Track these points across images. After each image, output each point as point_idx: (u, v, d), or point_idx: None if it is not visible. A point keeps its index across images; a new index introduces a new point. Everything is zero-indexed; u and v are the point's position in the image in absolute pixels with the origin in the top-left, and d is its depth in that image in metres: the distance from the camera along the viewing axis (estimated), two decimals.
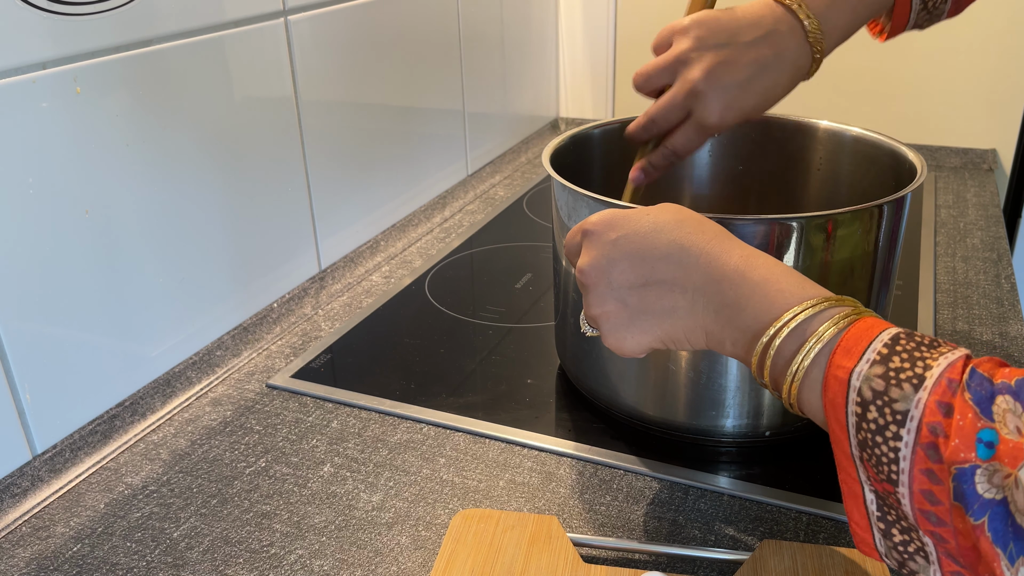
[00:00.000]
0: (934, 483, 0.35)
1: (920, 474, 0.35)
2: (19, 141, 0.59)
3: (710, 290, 0.45)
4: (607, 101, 1.48)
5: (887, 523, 0.39)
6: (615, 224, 0.48)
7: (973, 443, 0.34)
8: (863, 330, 0.39)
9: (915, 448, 0.35)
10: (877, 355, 0.38)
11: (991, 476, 0.33)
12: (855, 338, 0.39)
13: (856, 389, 0.38)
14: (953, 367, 0.36)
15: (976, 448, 0.34)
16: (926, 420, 0.35)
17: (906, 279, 0.91)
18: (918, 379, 0.36)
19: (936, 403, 0.35)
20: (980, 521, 0.34)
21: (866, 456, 0.38)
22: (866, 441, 0.37)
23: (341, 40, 0.90)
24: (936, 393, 0.35)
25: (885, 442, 0.36)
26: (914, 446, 0.35)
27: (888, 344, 0.38)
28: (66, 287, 0.64)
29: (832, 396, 0.39)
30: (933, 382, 0.36)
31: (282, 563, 0.55)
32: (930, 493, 0.35)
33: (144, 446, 0.68)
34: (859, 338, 0.39)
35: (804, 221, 0.56)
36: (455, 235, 1.08)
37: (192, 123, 0.73)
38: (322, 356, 0.80)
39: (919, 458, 0.35)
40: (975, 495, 0.34)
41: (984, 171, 1.25)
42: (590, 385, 0.69)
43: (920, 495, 0.36)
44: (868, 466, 0.38)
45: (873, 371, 0.37)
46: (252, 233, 0.82)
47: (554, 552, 0.53)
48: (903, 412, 0.36)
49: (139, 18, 0.66)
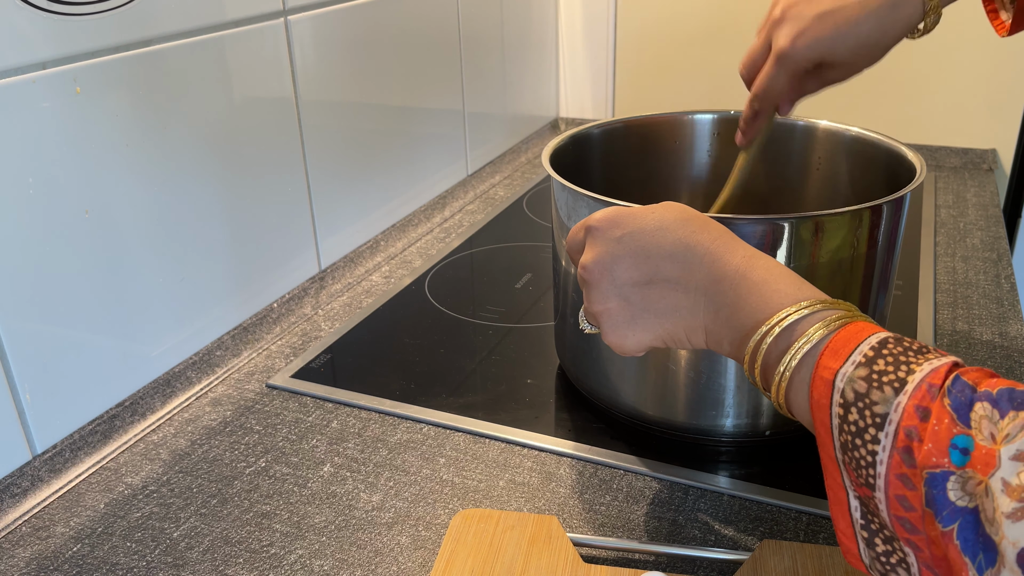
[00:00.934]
0: (908, 488, 0.35)
1: (895, 479, 0.35)
2: (19, 141, 0.59)
3: (712, 290, 0.45)
4: (607, 101, 1.48)
5: (870, 532, 0.38)
6: (620, 221, 0.48)
7: (946, 449, 0.33)
8: (853, 333, 0.39)
9: (892, 452, 0.35)
10: (863, 357, 0.37)
11: (964, 484, 0.33)
12: (844, 340, 0.39)
13: (840, 390, 0.37)
14: (936, 372, 0.36)
15: (950, 454, 0.33)
16: (903, 424, 0.35)
17: (906, 279, 0.91)
18: (899, 383, 0.36)
19: (914, 407, 0.35)
20: (949, 529, 0.33)
21: (847, 459, 0.37)
22: (847, 444, 0.37)
23: (341, 40, 0.90)
24: (915, 397, 0.35)
25: (864, 445, 0.36)
26: (891, 450, 0.35)
27: (875, 347, 0.38)
28: (66, 287, 0.64)
29: (818, 397, 0.39)
30: (914, 386, 0.35)
31: (282, 563, 0.55)
32: (904, 499, 0.35)
33: (144, 446, 0.68)
34: (848, 340, 0.39)
35: (803, 221, 0.56)
36: (455, 235, 1.08)
37: (192, 123, 0.73)
38: (322, 356, 0.80)
39: (895, 462, 0.35)
40: (945, 501, 0.33)
41: (984, 171, 1.25)
42: (590, 385, 0.69)
43: (895, 501, 0.35)
44: (850, 470, 0.38)
45: (857, 373, 0.37)
46: (252, 233, 0.82)
47: (554, 552, 0.53)
48: (882, 415, 0.36)
49: (139, 18, 0.66)
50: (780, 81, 0.63)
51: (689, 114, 0.80)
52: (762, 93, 0.64)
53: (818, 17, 0.60)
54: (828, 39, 0.60)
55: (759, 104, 0.65)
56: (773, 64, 0.63)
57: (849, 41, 0.60)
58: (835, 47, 0.61)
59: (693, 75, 1.40)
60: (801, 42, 0.60)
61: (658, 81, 1.43)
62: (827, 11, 0.60)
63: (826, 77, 0.64)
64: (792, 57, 0.61)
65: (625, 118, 0.79)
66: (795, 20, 0.60)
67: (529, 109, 1.41)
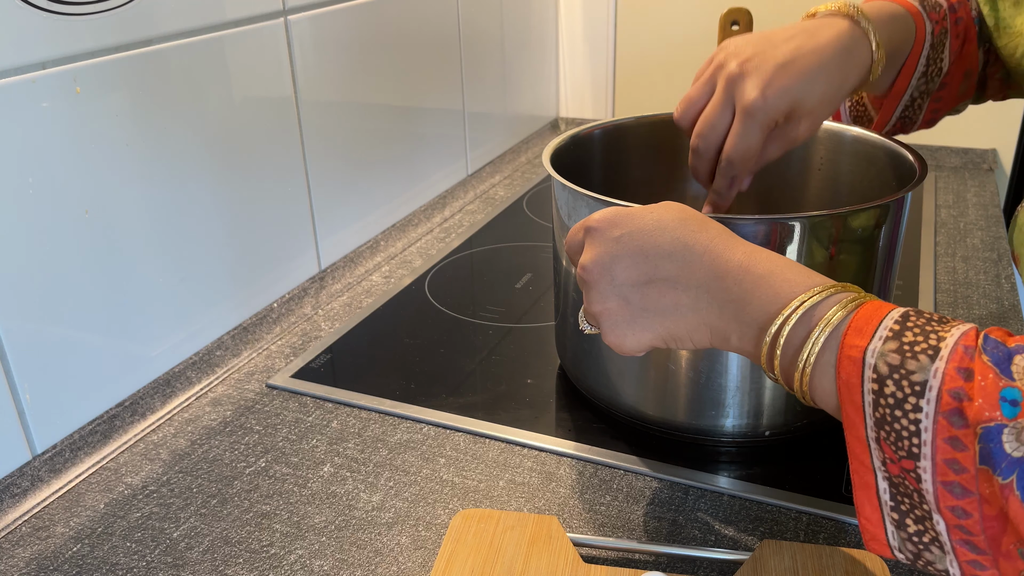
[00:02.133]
0: (959, 450, 0.35)
1: (943, 443, 0.36)
2: (19, 141, 0.59)
3: (714, 287, 0.45)
4: (607, 101, 1.48)
5: (901, 512, 0.39)
6: (618, 221, 0.49)
7: (997, 402, 0.34)
8: (871, 311, 0.40)
9: (936, 418, 0.36)
10: (889, 332, 0.38)
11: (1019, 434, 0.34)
12: (865, 319, 0.39)
13: (872, 366, 0.38)
14: (967, 335, 0.37)
15: (1000, 407, 0.34)
16: (946, 387, 0.36)
17: (906, 279, 0.91)
18: (933, 350, 0.37)
19: (956, 369, 0.36)
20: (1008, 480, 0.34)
21: (884, 435, 0.38)
22: (884, 418, 0.38)
23: (341, 40, 0.90)
24: (954, 360, 0.36)
25: (905, 415, 0.37)
26: (935, 416, 0.36)
27: (899, 321, 0.39)
28: (66, 287, 0.64)
29: (847, 377, 0.39)
30: (949, 351, 0.36)
31: (282, 563, 0.55)
32: (954, 462, 0.36)
33: (144, 446, 0.68)
34: (869, 318, 0.39)
35: (804, 221, 0.56)
36: (455, 235, 1.08)
37: (192, 123, 0.73)
38: (322, 356, 0.80)
39: (941, 427, 0.36)
40: (1003, 454, 0.34)
41: (984, 171, 1.25)
42: (590, 385, 0.69)
43: (944, 465, 0.36)
44: (885, 446, 0.38)
45: (887, 347, 0.38)
46: (252, 233, 0.82)
47: (554, 552, 0.53)
48: (921, 383, 0.36)
49: (139, 18, 0.66)
50: (753, 137, 0.59)
51: None
52: (736, 155, 0.59)
53: (780, 67, 0.58)
54: (797, 88, 0.58)
55: (735, 169, 0.61)
56: (743, 120, 0.58)
57: (817, 89, 0.59)
58: (803, 96, 0.58)
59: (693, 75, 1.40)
60: (771, 92, 0.57)
61: (658, 81, 1.43)
62: (787, 61, 0.58)
63: (789, 135, 0.61)
64: (763, 109, 0.57)
65: (625, 118, 0.79)
66: (758, 72, 0.58)
67: (529, 109, 1.41)
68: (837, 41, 0.60)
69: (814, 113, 0.60)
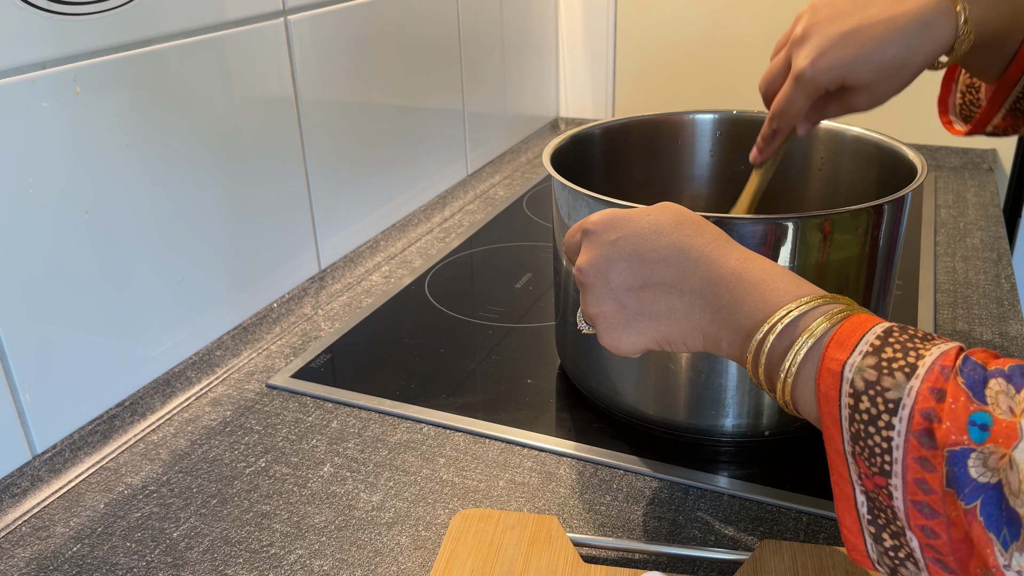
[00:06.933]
0: (928, 471, 0.35)
1: (914, 463, 0.35)
2: (19, 141, 0.59)
3: (707, 293, 0.45)
4: (607, 101, 1.48)
5: (877, 527, 0.38)
6: (615, 224, 0.49)
7: (965, 426, 0.34)
8: (856, 324, 0.39)
9: (907, 436, 0.35)
10: (870, 347, 0.38)
11: (986, 460, 0.33)
12: (848, 332, 0.39)
13: (849, 381, 0.38)
14: (946, 355, 0.36)
15: (968, 431, 0.34)
16: (919, 407, 0.35)
17: (906, 279, 0.91)
18: (910, 368, 0.36)
19: (929, 390, 0.35)
20: (972, 506, 0.33)
21: (858, 449, 0.38)
22: (859, 433, 0.37)
23: (341, 40, 0.90)
24: (928, 380, 0.35)
25: (878, 432, 0.36)
26: (907, 434, 0.35)
27: (881, 336, 0.38)
28: (66, 287, 0.64)
29: (825, 389, 0.39)
30: (925, 370, 0.36)
31: (282, 563, 0.55)
32: (923, 482, 0.35)
33: (144, 446, 0.68)
34: (852, 332, 0.39)
35: (804, 221, 0.56)
36: (455, 235, 1.08)
37: (192, 123, 0.73)
38: (322, 356, 0.80)
39: (912, 446, 0.35)
40: (967, 479, 0.33)
41: (984, 171, 1.25)
42: (590, 385, 0.69)
43: (913, 484, 0.36)
44: (860, 460, 0.38)
45: (866, 362, 0.37)
46: (252, 233, 0.82)
47: (554, 552, 0.53)
48: (895, 400, 0.36)
49: (139, 18, 0.66)
50: (798, 102, 0.59)
51: (690, 114, 0.80)
52: (780, 112, 0.61)
53: (841, 37, 0.56)
54: (850, 61, 0.55)
55: (777, 123, 0.62)
56: (791, 84, 0.58)
57: (873, 62, 0.56)
58: (857, 69, 0.56)
59: (693, 75, 1.40)
60: (821, 63, 0.56)
61: (658, 81, 1.43)
62: (851, 30, 0.55)
63: (848, 102, 0.59)
64: (810, 79, 0.57)
65: (626, 118, 0.79)
66: (817, 39, 0.56)
67: (529, 109, 1.41)
68: (918, 12, 0.55)
69: (871, 86, 0.57)
